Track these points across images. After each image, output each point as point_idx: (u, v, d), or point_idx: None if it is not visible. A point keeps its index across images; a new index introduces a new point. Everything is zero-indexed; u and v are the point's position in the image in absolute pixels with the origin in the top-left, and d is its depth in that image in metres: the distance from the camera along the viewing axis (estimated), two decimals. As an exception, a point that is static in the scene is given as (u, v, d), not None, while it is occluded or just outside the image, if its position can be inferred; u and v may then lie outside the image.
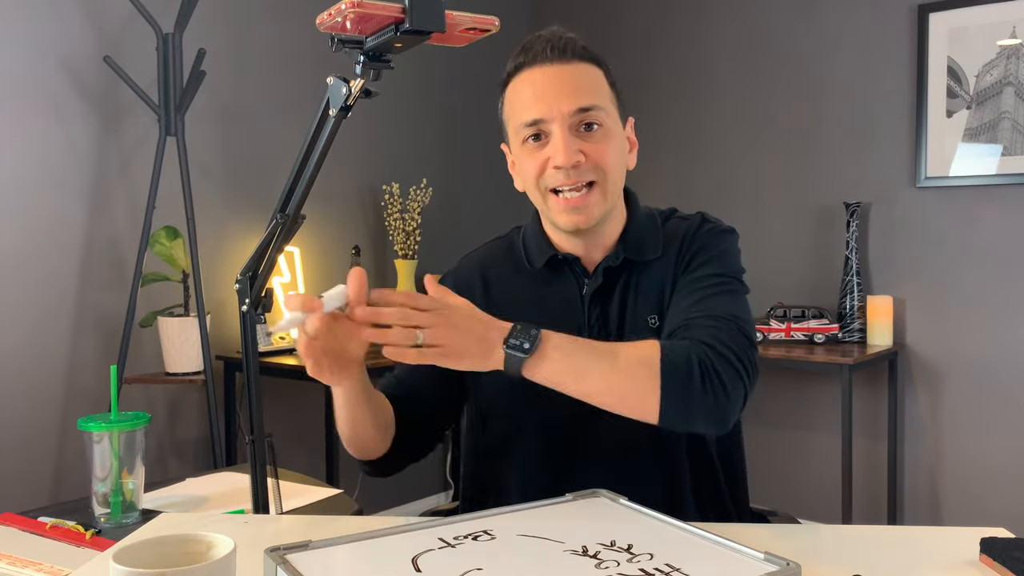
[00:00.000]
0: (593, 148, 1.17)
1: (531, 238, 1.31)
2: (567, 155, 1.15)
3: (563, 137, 1.16)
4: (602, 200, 1.19)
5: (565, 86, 1.17)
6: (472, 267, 1.34)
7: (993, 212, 3.06)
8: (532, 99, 1.18)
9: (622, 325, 1.23)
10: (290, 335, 3.15)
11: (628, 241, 1.25)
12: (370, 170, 3.51)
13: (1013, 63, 3.00)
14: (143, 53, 2.74)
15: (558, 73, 1.18)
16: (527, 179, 1.22)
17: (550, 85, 1.18)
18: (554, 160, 1.17)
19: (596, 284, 1.24)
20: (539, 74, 1.19)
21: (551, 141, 1.17)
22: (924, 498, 3.22)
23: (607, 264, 1.24)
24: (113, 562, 0.70)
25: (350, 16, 0.91)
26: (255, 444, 1.12)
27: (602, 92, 1.21)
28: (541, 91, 1.18)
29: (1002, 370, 3.06)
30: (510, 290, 1.29)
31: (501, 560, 0.84)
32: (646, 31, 3.80)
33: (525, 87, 1.20)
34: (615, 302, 1.24)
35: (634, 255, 1.25)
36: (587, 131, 1.18)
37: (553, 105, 1.16)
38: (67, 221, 2.63)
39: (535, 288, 1.27)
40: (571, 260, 1.26)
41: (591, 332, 1.23)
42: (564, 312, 1.25)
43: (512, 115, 1.23)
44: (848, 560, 0.92)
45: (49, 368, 2.60)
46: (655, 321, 1.22)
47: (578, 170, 1.17)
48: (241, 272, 1.12)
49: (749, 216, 3.53)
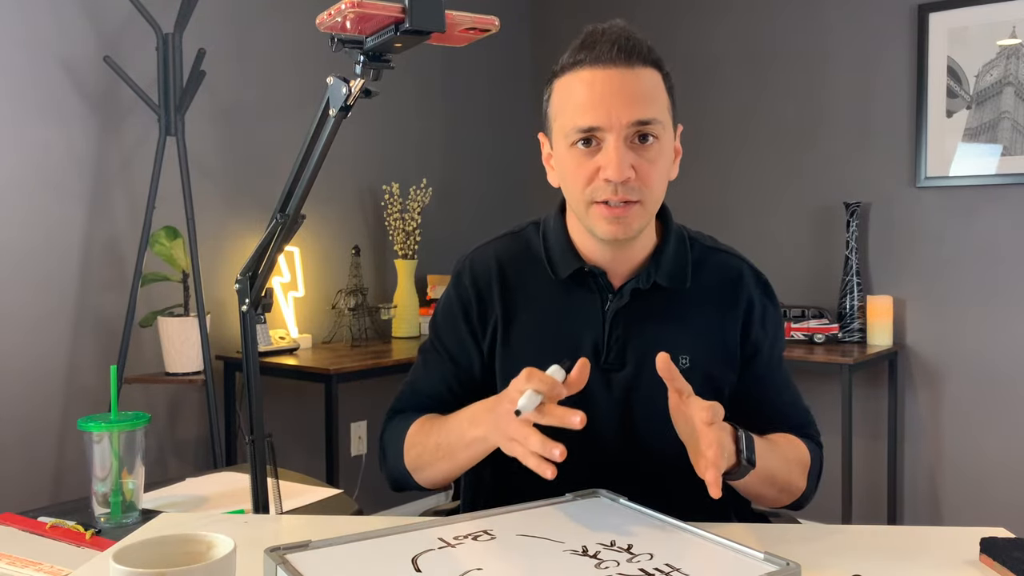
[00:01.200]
0: (644, 166, 1.12)
1: (555, 244, 1.24)
2: (620, 170, 1.10)
3: (617, 150, 1.10)
4: (643, 216, 1.16)
5: (627, 95, 1.11)
6: (489, 263, 1.27)
7: (993, 212, 3.06)
8: (589, 103, 1.11)
9: (645, 355, 1.17)
10: (289, 338, 3.16)
11: (661, 265, 1.21)
12: (370, 170, 3.51)
13: (1013, 63, 3.00)
14: (143, 53, 2.74)
15: (621, 79, 1.11)
16: (573, 186, 1.16)
17: (610, 91, 1.11)
18: (605, 172, 1.11)
19: (621, 303, 1.20)
20: (601, 76, 1.12)
21: (604, 151, 1.11)
22: (924, 498, 3.22)
23: (635, 286, 1.20)
24: (113, 562, 0.70)
25: (350, 16, 0.91)
26: (255, 444, 1.12)
27: (661, 102, 1.15)
28: (600, 96, 1.11)
29: (1002, 370, 3.06)
30: (529, 293, 1.25)
31: (501, 560, 0.84)
32: (646, 31, 3.79)
33: (582, 88, 1.13)
34: (639, 328, 1.20)
35: (665, 281, 1.21)
36: (641, 143, 1.13)
37: (612, 114, 1.10)
38: (67, 221, 2.63)
39: (555, 296, 1.23)
40: (597, 273, 1.21)
41: (609, 353, 1.20)
42: (583, 326, 1.21)
43: (562, 113, 1.16)
44: (848, 560, 0.92)
45: (49, 368, 2.59)
46: (687, 362, 1.18)
47: (627, 187, 1.11)
48: (241, 272, 1.12)
49: (749, 216, 3.53)
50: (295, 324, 3.22)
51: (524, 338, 1.22)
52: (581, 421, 0.92)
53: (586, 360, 0.99)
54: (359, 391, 3.31)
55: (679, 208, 1.35)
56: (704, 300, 1.23)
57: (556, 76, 1.18)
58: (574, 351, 1.18)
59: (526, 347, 1.21)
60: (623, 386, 1.19)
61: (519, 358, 1.20)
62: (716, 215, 3.57)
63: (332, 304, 3.31)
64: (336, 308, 3.31)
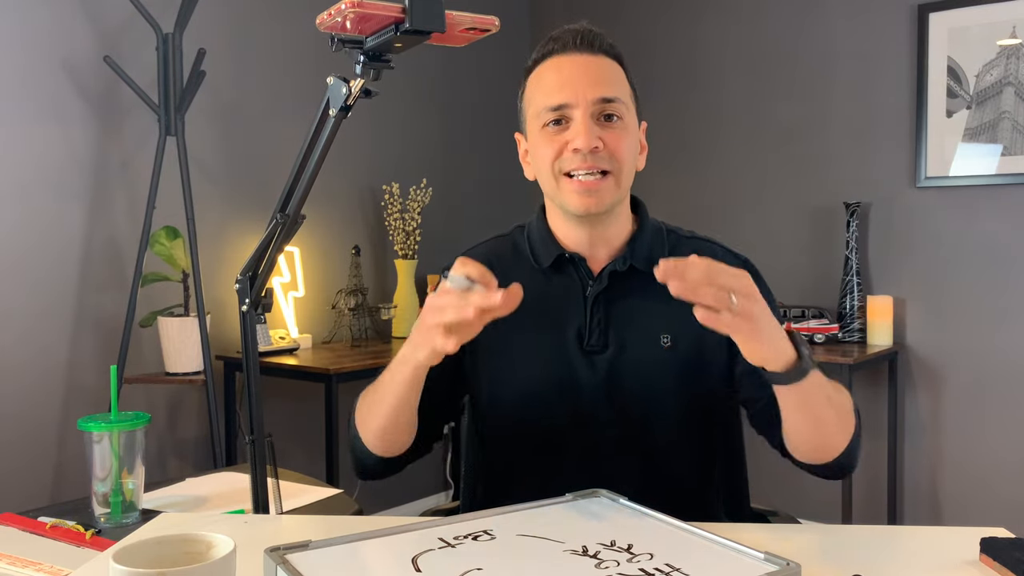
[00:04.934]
0: (611, 137, 1.19)
1: (537, 235, 1.30)
2: (587, 139, 1.17)
3: (584, 122, 1.18)
4: (614, 188, 1.20)
5: (591, 75, 1.20)
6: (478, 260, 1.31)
7: (993, 212, 3.06)
8: (557, 84, 1.21)
9: (626, 335, 1.22)
10: (291, 339, 3.16)
11: (636, 248, 1.26)
12: (370, 170, 3.51)
13: (1013, 63, 3.00)
14: (143, 53, 2.74)
15: (585, 62, 1.21)
16: (542, 163, 1.23)
17: (576, 72, 1.20)
18: (573, 143, 1.18)
19: (601, 287, 1.24)
20: (566, 61, 1.22)
21: (572, 126, 1.19)
22: (924, 498, 3.22)
23: (613, 268, 1.24)
24: (113, 562, 0.70)
25: (350, 16, 0.91)
26: (255, 444, 1.12)
27: (624, 88, 1.23)
28: (567, 77, 1.20)
29: (1002, 370, 3.05)
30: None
31: (501, 560, 0.84)
32: (646, 32, 3.80)
33: (551, 73, 1.22)
34: (619, 310, 1.24)
35: (641, 264, 1.24)
36: (607, 121, 1.20)
37: (578, 91, 1.18)
38: (67, 221, 2.63)
39: (538, 285, 1.27)
40: (577, 260, 1.26)
41: (591, 335, 1.23)
42: (566, 311, 1.25)
43: (534, 100, 1.24)
44: (848, 560, 0.91)
45: (49, 368, 2.59)
46: (667, 341, 1.22)
47: (595, 156, 1.18)
48: (241, 272, 1.12)
49: (749, 216, 3.53)
50: (295, 324, 3.22)
51: (510, 324, 1.22)
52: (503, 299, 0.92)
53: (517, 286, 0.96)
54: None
55: (679, 208, 1.36)
56: None
57: (527, 73, 1.28)
58: (558, 336, 1.23)
59: (512, 332, 1.22)
60: (607, 367, 1.22)
61: (505, 342, 1.24)
62: (716, 215, 3.57)
63: (332, 304, 3.31)
64: (336, 308, 3.31)
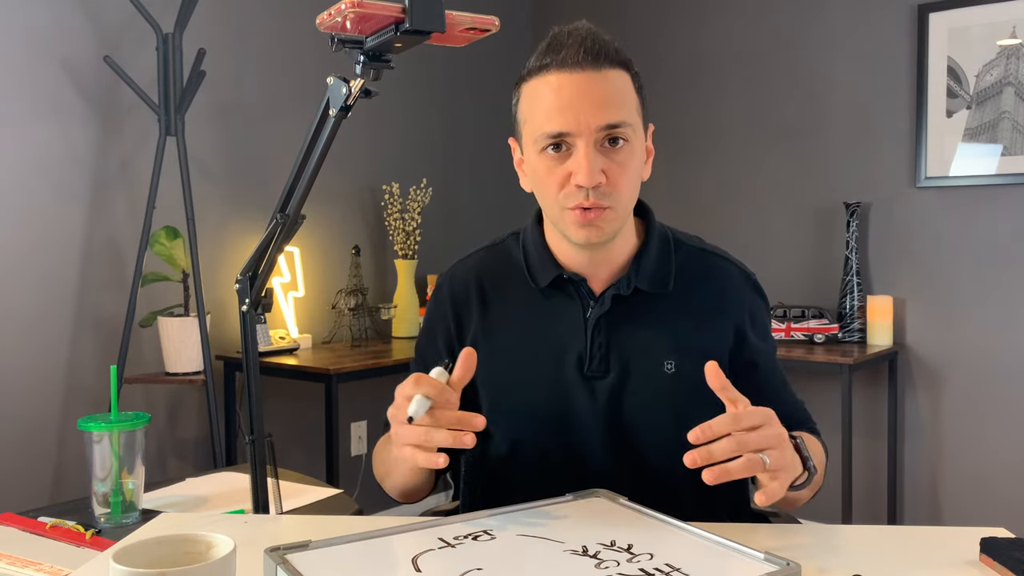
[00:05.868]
0: (614, 170, 1.11)
1: (533, 252, 1.24)
2: (590, 176, 1.08)
3: (587, 155, 1.09)
4: (615, 220, 1.14)
5: (595, 99, 1.09)
6: (468, 278, 1.27)
7: (993, 212, 3.06)
8: (557, 109, 1.10)
9: (629, 362, 1.18)
10: (282, 339, 3.15)
11: (641, 268, 1.19)
12: (370, 170, 3.51)
13: (1013, 63, 3.00)
14: (143, 53, 2.74)
15: (588, 82, 1.09)
16: (546, 192, 1.15)
17: (578, 96, 1.09)
18: (576, 178, 1.10)
19: (602, 310, 1.18)
20: (567, 81, 1.10)
21: (574, 156, 1.10)
22: (924, 498, 3.22)
23: (616, 292, 1.18)
24: (113, 562, 0.70)
25: (350, 16, 0.91)
26: (255, 444, 1.12)
27: (630, 104, 1.13)
28: (568, 101, 1.09)
29: (1002, 370, 3.06)
30: (509, 304, 1.23)
31: (501, 560, 0.83)
32: (647, 32, 3.80)
33: (549, 93, 1.11)
34: (622, 335, 1.18)
35: (646, 285, 1.19)
36: (611, 145, 1.11)
37: (580, 118, 1.09)
38: (67, 221, 2.63)
39: (535, 306, 1.22)
40: (577, 280, 1.20)
41: (592, 360, 1.18)
42: (566, 336, 1.19)
43: (531, 119, 1.14)
44: (848, 560, 0.91)
45: (49, 368, 2.59)
46: (671, 367, 1.17)
47: (598, 191, 1.10)
48: (241, 272, 1.12)
49: (749, 216, 3.53)
50: (295, 324, 3.22)
51: (506, 349, 1.21)
52: (481, 423, 0.93)
53: (470, 350, 0.97)
54: (359, 391, 3.31)
55: (678, 208, 1.35)
56: (690, 304, 1.21)
57: (523, 80, 1.17)
58: (556, 360, 1.18)
59: (508, 358, 1.21)
60: (607, 394, 1.17)
61: (501, 370, 1.20)
62: (716, 215, 3.57)
63: (332, 304, 3.31)
64: (336, 308, 3.31)
